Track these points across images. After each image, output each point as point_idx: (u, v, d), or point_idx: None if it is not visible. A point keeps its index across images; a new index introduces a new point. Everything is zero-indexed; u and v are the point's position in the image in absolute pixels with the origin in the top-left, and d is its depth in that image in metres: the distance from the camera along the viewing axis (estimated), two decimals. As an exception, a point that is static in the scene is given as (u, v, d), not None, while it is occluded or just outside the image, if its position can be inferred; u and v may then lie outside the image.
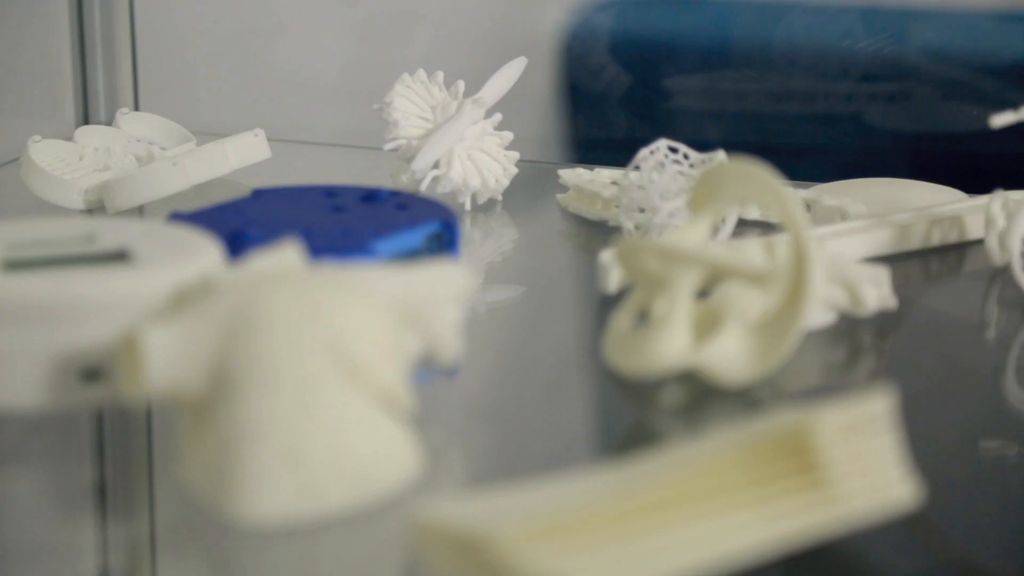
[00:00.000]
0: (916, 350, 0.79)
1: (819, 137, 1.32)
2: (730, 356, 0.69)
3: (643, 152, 0.88)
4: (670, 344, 0.69)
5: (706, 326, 0.71)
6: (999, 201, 0.83)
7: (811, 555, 0.54)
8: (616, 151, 1.40)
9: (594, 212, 0.96)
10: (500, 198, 1.00)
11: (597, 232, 0.94)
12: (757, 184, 0.69)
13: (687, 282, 0.69)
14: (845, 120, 1.31)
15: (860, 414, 0.54)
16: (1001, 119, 0.80)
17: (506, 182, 0.98)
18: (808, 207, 0.93)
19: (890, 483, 0.54)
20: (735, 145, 1.38)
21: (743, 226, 0.92)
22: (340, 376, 0.58)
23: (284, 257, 0.63)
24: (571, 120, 1.40)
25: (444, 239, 0.80)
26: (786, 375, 0.74)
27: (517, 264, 0.94)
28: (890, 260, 0.88)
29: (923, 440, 0.69)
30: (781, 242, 0.71)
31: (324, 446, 0.57)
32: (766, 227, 0.92)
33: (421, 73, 0.99)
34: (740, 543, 0.52)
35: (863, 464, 0.53)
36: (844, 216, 0.90)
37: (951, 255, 0.89)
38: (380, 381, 0.59)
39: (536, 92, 1.39)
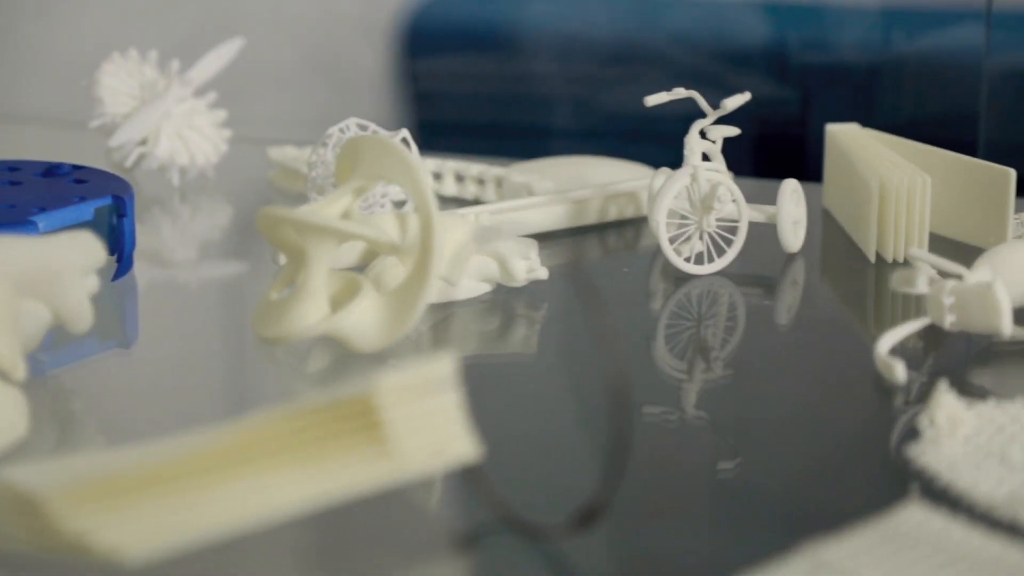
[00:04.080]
0: (570, 320, 0.82)
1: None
2: (363, 324, 0.72)
3: (332, 130, 0.90)
4: (305, 313, 0.71)
5: (349, 296, 0.73)
6: (661, 178, 0.86)
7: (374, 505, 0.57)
8: (455, 135, 1.44)
9: (297, 189, 0.98)
10: (212, 175, 1.01)
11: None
12: (391, 158, 0.72)
13: (322, 252, 0.72)
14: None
15: (422, 377, 0.57)
16: (654, 99, 0.84)
17: (215, 159, 1.00)
18: (499, 183, 0.96)
19: (450, 441, 0.57)
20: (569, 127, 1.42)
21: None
22: (-61, 342, 0.60)
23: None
24: (410, 105, 1.43)
25: (117, 212, 0.82)
26: (441, 344, 0.78)
27: (215, 238, 0.97)
28: (569, 234, 0.92)
29: (571, 404, 0.72)
30: (414, 215, 0.74)
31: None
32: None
33: (133, 52, 1.01)
34: (296, 495, 0.54)
35: (423, 423, 0.56)
36: (531, 192, 0.94)
37: (628, 230, 0.93)
38: (-20, 348, 0.61)
39: (373, 78, 1.42)
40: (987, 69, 1.07)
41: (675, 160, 0.99)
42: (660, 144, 1.25)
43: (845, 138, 0.92)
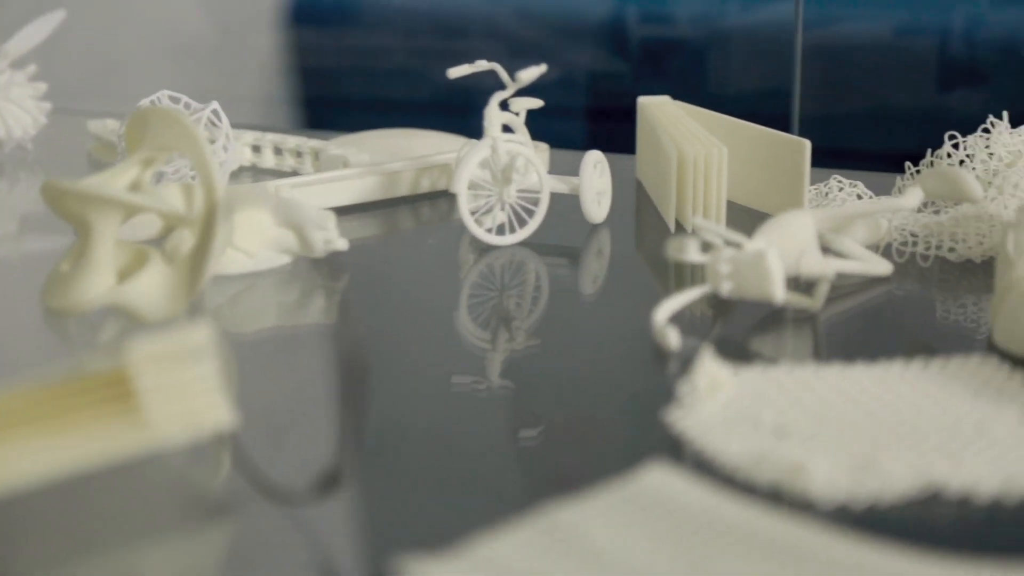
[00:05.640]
0: (373, 290, 0.82)
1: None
2: (150, 295, 0.72)
3: (143, 101, 0.90)
4: (90, 284, 0.71)
5: (139, 267, 0.73)
6: (466, 150, 0.87)
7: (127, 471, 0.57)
8: (341, 112, 1.43)
9: (115, 161, 0.98)
10: (31, 147, 1.01)
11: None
12: (175, 129, 0.72)
13: (106, 223, 0.71)
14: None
15: (177, 346, 0.57)
16: (456, 71, 0.84)
17: (33, 132, 1.00)
18: (316, 155, 0.96)
19: (205, 410, 0.57)
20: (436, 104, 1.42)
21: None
22: None
23: None
24: (297, 82, 1.42)
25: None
26: (242, 316, 0.78)
27: (32, 211, 0.96)
28: (382, 206, 0.92)
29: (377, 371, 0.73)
30: (199, 187, 0.74)
31: None
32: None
33: (-51, 24, 1.00)
34: (48, 463, 0.55)
35: (177, 392, 0.56)
36: (346, 164, 0.94)
37: (442, 201, 0.93)
38: None
39: (261, 56, 1.41)
40: (800, 44, 1.09)
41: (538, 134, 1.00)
42: (567, 119, 1.25)
43: (655, 110, 0.93)
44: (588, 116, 1.25)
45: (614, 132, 1.09)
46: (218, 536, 0.57)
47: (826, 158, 0.97)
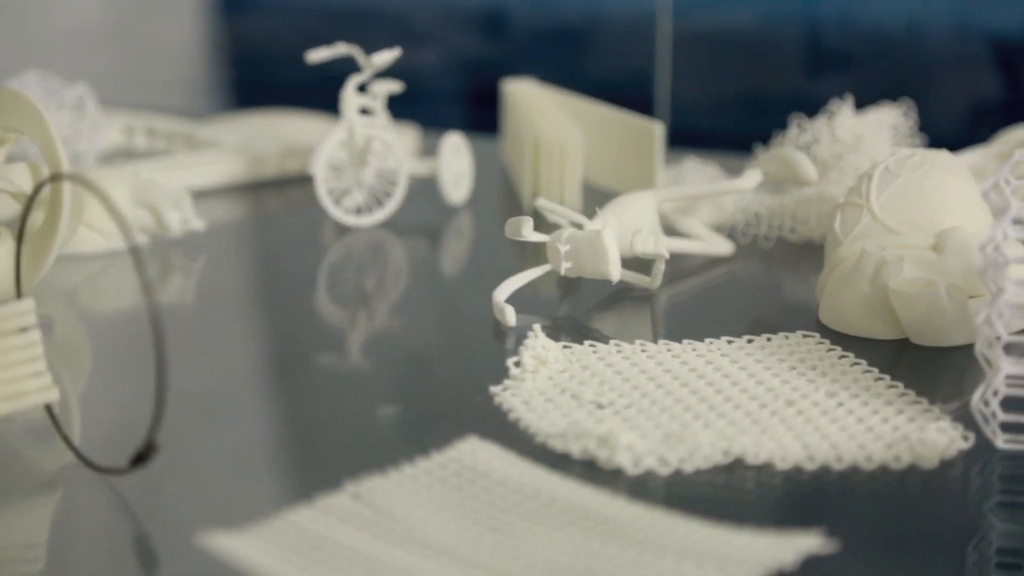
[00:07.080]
0: (233, 270, 0.84)
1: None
2: (-3, 273, 0.73)
3: (8, 83, 0.90)
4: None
5: (-11, 247, 0.74)
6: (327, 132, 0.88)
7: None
8: (268, 95, 1.43)
9: (-14, 143, 0.98)
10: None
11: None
12: (21, 109, 0.73)
13: (-49, 203, 0.72)
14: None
15: (3, 316, 0.58)
16: (316, 55, 0.85)
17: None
18: (188, 138, 0.97)
19: (27, 382, 0.58)
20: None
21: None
22: None
23: None
24: (226, 66, 1.42)
25: None
26: (98, 295, 0.79)
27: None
28: (250, 188, 0.93)
29: (225, 354, 0.73)
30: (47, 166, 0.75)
31: None
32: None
33: None
34: None
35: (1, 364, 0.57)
36: (216, 147, 0.95)
37: (309, 184, 0.94)
38: None
39: (189, 40, 1.41)
40: (670, 29, 1.11)
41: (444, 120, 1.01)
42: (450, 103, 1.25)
43: (519, 95, 0.94)
44: (470, 100, 1.26)
45: (494, 116, 1.10)
46: (36, 506, 0.58)
47: (697, 142, 0.99)
